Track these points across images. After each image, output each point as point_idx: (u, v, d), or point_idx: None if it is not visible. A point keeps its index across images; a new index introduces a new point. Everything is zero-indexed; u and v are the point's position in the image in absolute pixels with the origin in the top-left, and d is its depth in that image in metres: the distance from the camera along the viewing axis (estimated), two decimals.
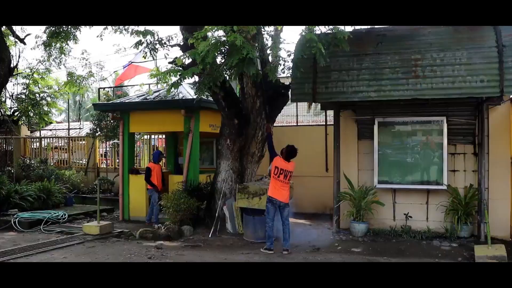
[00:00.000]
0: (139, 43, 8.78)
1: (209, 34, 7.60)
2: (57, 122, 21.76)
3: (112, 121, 14.53)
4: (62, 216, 12.16)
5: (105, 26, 9.77)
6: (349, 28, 7.95)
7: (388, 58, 7.78)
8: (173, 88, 7.86)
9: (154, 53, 9.05)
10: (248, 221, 9.69)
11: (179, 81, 7.87)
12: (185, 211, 10.28)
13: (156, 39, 9.10)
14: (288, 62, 9.12)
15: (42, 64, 15.94)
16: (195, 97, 11.98)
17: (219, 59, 8.34)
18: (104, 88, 17.12)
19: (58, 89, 16.53)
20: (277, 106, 10.95)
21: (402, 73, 7.60)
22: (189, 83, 11.99)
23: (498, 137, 9.13)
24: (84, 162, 17.86)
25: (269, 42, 9.41)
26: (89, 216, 13.15)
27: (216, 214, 10.43)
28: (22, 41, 14.61)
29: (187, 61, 8.34)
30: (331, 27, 7.62)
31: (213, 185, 10.98)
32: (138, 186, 12.80)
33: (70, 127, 19.57)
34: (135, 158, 16.62)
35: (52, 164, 18.02)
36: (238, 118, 10.31)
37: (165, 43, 9.19)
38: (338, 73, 7.90)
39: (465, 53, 7.46)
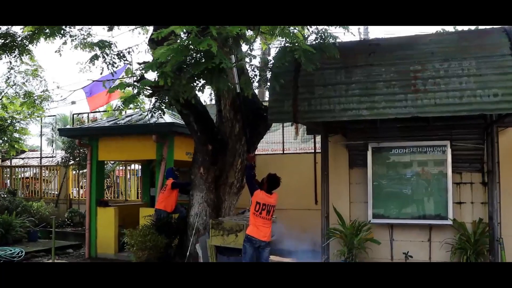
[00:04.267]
0: (94, 57, 7.58)
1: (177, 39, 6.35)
2: (30, 150, 20.46)
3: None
4: (18, 253, 10.80)
5: (64, 41, 8.55)
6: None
7: (382, 70, 6.59)
8: (129, 104, 6.52)
9: (112, 68, 7.84)
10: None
11: (133, 97, 6.58)
12: (151, 249, 8.96)
13: (114, 52, 7.89)
14: (265, 74, 7.88)
15: (12, 88, 14.75)
16: (169, 121, 10.91)
17: None
18: (78, 114, 15.92)
19: (30, 114, 15.28)
20: (258, 131, 9.79)
21: (399, 87, 6.40)
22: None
23: (510, 163, 7.94)
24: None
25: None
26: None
27: (188, 253, 9.11)
28: None
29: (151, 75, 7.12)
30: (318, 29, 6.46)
31: (185, 220, 9.68)
32: (106, 219, 11.66)
33: (43, 155, 18.25)
34: (109, 189, 15.34)
35: (22, 195, 16.68)
36: (213, 143, 9.13)
37: (124, 55, 7.98)
38: (323, 88, 6.69)
39: (473, 62, 6.27)
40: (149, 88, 6.92)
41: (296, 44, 6.05)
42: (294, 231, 11.04)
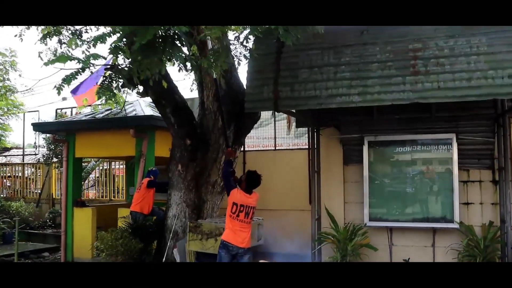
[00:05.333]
0: (47, 35, 6.61)
1: None
2: (14, 148, 19.62)
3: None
4: None
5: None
6: None
7: (376, 50, 5.64)
8: (70, 82, 5.49)
9: (69, 49, 6.87)
10: None
11: (74, 75, 5.57)
12: (123, 254, 8.09)
13: (69, 31, 6.91)
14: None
15: None
16: (148, 113, 10.04)
17: None
18: (61, 109, 15.03)
19: (8, 110, 14.43)
20: (245, 124, 8.87)
21: (396, 69, 5.45)
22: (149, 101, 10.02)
23: None
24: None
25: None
26: (25, 257, 10.98)
27: (164, 259, 8.20)
28: None
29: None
30: None
31: (163, 222, 8.77)
32: (83, 221, 10.76)
33: (27, 153, 17.38)
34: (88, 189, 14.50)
35: (5, 194, 15.85)
36: (191, 138, 8.22)
37: (80, 33, 6.99)
38: (308, 71, 5.75)
39: (483, 39, 5.31)
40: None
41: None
42: (286, 234, 10.16)
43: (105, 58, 5.40)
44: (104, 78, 6.04)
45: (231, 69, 8.27)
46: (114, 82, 5.98)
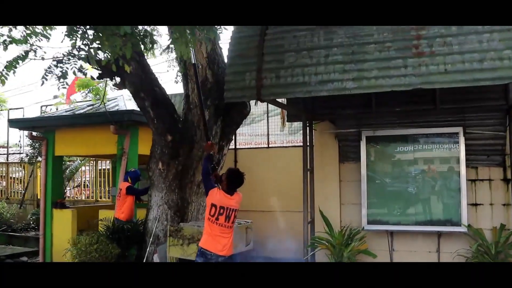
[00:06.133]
0: None
1: None
2: (2, 147, 18.93)
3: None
4: None
5: None
6: None
7: (373, 29, 4.90)
8: (11, 69, 4.70)
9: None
10: None
11: (14, 62, 4.77)
12: (98, 261, 7.39)
13: None
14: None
15: None
16: (129, 108, 9.37)
17: None
18: (46, 106, 14.34)
19: None
20: (232, 119, 8.20)
21: (397, 50, 4.72)
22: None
23: None
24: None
25: None
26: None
27: None
28: None
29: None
30: None
31: (144, 225, 8.10)
32: (63, 223, 10.09)
33: (10, 152, 16.69)
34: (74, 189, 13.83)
35: None
36: (172, 133, 7.54)
37: None
38: (295, 55, 5.03)
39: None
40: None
41: None
42: (279, 238, 9.50)
43: (47, 38, 4.64)
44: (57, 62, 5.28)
45: (217, 60, 7.64)
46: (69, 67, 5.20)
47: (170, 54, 9.28)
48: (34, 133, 10.76)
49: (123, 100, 10.31)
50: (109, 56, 4.91)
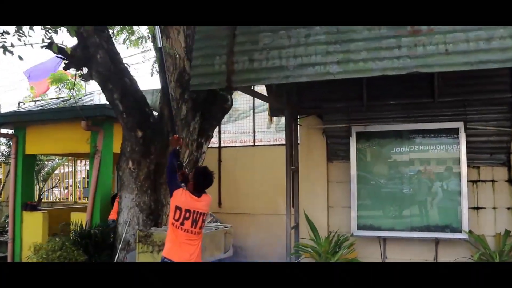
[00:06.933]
0: None
1: None
2: None
3: None
4: None
5: None
6: None
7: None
8: None
9: None
10: None
11: None
12: None
13: None
14: None
15: None
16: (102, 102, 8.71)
17: None
18: (24, 102, 13.61)
19: None
20: (212, 114, 7.58)
21: (389, 28, 4.04)
22: None
23: None
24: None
25: None
26: None
27: None
28: None
29: None
30: None
31: (115, 230, 7.43)
32: (34, 227, 9.36)
33: None
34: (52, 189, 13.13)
35: None
36: (143, 128, 6.87)
37: None
38: (271, 35, 4.34)
39: None
40: None
41: None
42: (265, 242, 8.86)
43: None
44: None
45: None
46: None
47: (145, 43, 8.63)
48: (4, 131, 10.08)
49: (98, 94, 9.64)
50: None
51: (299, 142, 7.13)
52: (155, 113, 7.47)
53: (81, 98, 9.47)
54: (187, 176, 4.90)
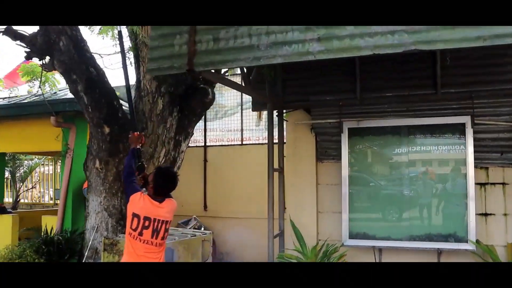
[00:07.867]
0: None
1: None
2: None
3: None
4: None
5: None
6: None
7: None
8: None
9: None
10: None
11: None
12: None
13: None
14: None
15: None
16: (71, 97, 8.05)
17: None
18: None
19: None
20: (192, 109, 6.94)
21: None
22: None
23: None
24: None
25: None
26: None
27: None
28: None
29: None
30: None
31: (83, 236, 6.80)
32: (2, 231, 8.81)
33: None
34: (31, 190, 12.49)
35: None
36: (111, 124, 6.19)
37: None
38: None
39: None
40: None
41: None
42: (251, 248, 8.21)
43: None
44: None
45: None
46: None
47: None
48: None
49: None
50: None
51: (285, 140, 6.44)
52: (126, 108, 6.82)
53: (55, 92, 8.80)
54: (148, 179, 4.20)
